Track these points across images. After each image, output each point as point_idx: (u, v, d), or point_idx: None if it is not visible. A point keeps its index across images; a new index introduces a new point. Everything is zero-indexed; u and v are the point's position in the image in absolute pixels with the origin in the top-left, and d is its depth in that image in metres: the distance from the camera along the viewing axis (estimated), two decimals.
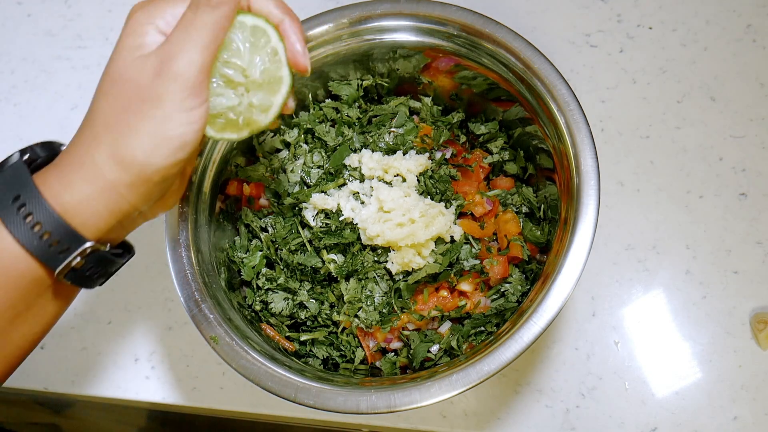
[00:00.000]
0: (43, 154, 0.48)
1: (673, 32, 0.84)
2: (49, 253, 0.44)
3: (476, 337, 0.64)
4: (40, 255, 0.44)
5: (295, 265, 0.66)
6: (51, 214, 0.43)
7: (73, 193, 0.44)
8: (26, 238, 0.43)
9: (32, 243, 0.43)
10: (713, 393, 0.70)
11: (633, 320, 0.73)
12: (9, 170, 0.45)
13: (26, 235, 0.43)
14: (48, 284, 0.46)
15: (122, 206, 0.46)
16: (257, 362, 0.57)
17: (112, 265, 0.49)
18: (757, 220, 0.75)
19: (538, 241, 0.65)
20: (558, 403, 0.71)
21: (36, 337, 0.49)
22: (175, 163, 0.45)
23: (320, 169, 0.69)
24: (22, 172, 0.45)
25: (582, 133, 0.59)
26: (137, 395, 0.76)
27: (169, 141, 0.44)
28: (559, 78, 0.61)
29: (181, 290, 0.60)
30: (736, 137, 0.79)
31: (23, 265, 0.44)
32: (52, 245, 0.44)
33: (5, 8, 0.96)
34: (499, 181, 0.70)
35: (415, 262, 0.62)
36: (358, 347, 0.66)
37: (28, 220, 0.43)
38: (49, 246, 0.44)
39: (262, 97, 0.50)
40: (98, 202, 0.45)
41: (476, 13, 0.64)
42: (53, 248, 0.44)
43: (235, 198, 0.70)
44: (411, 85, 0.72)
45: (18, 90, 0.91)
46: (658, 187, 0.77)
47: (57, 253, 0.44)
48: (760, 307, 0.72)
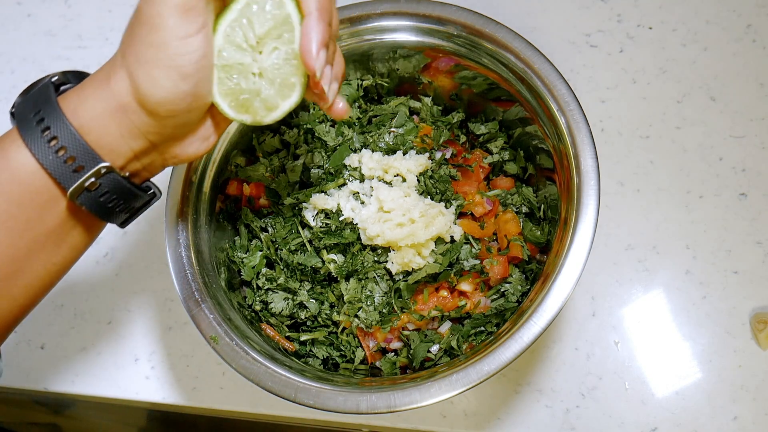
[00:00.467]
0: (74, 80, 0.48)
1: (673, 32, 0.84)
2: (63, 170, 0.44)
3: (476, 337, 0.64)
4: (53, 170, 0.44)
5: (295, 265, 0.66)
6: (68, 129, 0.44)
7: (88, 109, 0.44)
8: (42, 152, 0.43)
9: (47, 158, 0.44)
10: (713, 393, 0.70)
11: (633, 320, 0.73)
12: (36, 90, 0.46)
13: (42, 149, 0.43)
14: (64, 207, 0.46)
15: (133, 132, 0.45)
16: (257, 362, 0.57)
17: (134, 198, 0.48)
18: (757, 220, 0.75)
19: (538, 241, 0.65)
20: (558, 403, 0.71)
21: (56, 268, 0.49)
22: (178, 96, 0.44)
23: (320, 169, 0.69)
24: (48, 91, 0.45)
25: (582, 133, 0.60)
26: (137, 395, 0.76)
27: (167, 70, 0.43)
28: (559, 78, 0.61)
29: (181, 290, 0.60)
30: (736, 137, 0.79)
31: (39, 182, 0.44)
32: (67, 162, 0.44)
33: (5, 8, 0.96)
34: (499, 181, 0.70)
35: (415, 262, 0.62)
36: (358, 347, 0.66)
37: (45, 134, 0.43)
38: (64, 162, 0.44)
39: (272, 95, 0.49)
40: (110, 121, 0.45)
41: (476, 13, 0.64)
42: (68, 165, 0.44)
43: (235, 198, 0.70)
44: (411, 85, 0.72)
45: (18, 90, 0.89)
46: (658, 187, 0.77)
47: (71, 171, 0.44)
48: (760, 307, 0.72)
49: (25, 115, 0.44)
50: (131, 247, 0.82)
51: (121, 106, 0.44)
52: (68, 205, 0.46)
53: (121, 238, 0.82)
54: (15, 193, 0.44)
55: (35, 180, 0.44)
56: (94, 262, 0.81)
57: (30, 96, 0.46)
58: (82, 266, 0.81)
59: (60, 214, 0.46)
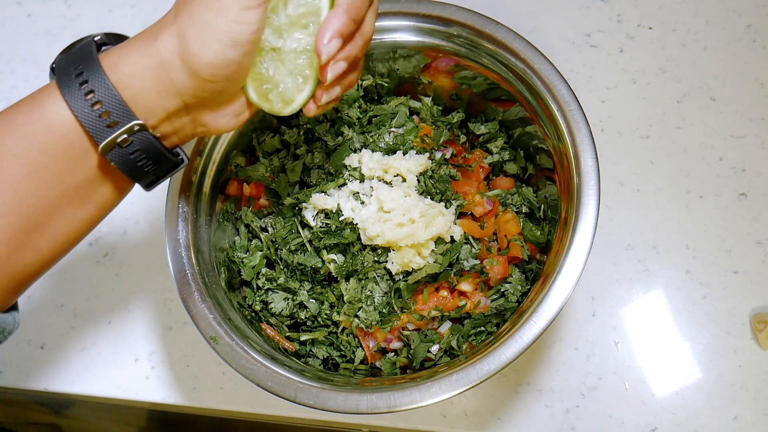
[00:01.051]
0: (114, 42, 0.49)
1: (673, 32, 0.84)
2: (97, 124, 0.45)
3: (476, 337, 0.64)
4: (88, 124, 0.45)
5: (295, 265, 0.66)
6: (105, 84, 0.44)
7: (128, 65, 0.45)
8: (79, 105, 0.44)
9: (83, 111, 0.44)
10: (713, 393, 0.70)
11: (633, 320, 0.73)
12: (78, 47, 0.47)
13: (79, 102, 0.44)
14: (95, 162, 0.47)
15: (170, 90, 0.46)
16: (257, 362, 0.57)
17: (163, 160, 0.49)
18: (757, 220, 0.75)
19: (538, 241, 0.65)
20: (558, 403, 0.71)
21: (81, 225, 0.49)
22: (224, 61, 0.45)
23: (320, 169, 0.69)
24: (90, 47, 0.46)
25: (582, 133, 0.60)
26: (137, 395, 0.76)
27: (221, 34, 0.44)
28: (559, 78, 0.61)
29: (181, 290, 0.60)
30: (736, 137, 0.79)
31: (74, 134, 0.45)
32: (102, 116, 0.44)
33: (5, 8, 0.96)
34: (499, 181, 0.70)
35: (415, 262, 0.62)
36: (358, 347, 0.66)
37: (83, 87, 0.44)
38: (99, 116, 0.44)
39: (289, 88, 0.49)
40: (149, 77, 0.45)
41: (476, 13, 0.64)
42: (102, 119, 0.44)
43: (235, 198, 0.70)
44: (411, 85, 0.72)
45: (18, 90, 0.91)
46: (658, 187, 0.77)
47: (105, 125, 0.45)
48: (760, 307, 0.72)
49: (65, 69, 0.45)
50: (131, 247, 0.82)
51: (163, 62, 0.45)
52: (99, 161, 0.47)
53: (121, 238, 0.82)
54: (50, 144, 0.45)
55: (70, 132, 0.45)
56: (94, 262, 0.81)
57: (71, 53, 0.47)
58: (82, 266, 0.81)
59: (90, 169, 0.47)
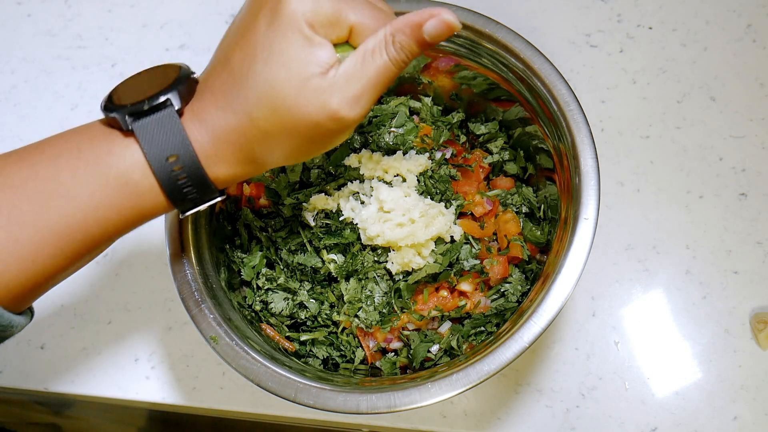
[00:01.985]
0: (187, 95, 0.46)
1: (673, 32, 0.84)
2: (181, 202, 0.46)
3: (476, 337, 0.64)
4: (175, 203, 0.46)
5: (295, 265, 0.66)
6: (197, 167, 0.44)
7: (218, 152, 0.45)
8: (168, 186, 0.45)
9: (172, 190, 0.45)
10: (713, 393, 0.70)
11: (633, 320, 0.73)
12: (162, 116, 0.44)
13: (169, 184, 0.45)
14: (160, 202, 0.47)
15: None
16: (257, 362, 0.57)
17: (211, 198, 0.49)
18: (757, 220, 0.75)
19: (538, 241, 0.65)
20: (558, 403, 0.71)
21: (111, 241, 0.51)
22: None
23: (320, 169, 0.69)
24: (175, 121, 0.44)
25: (582, 133, 0.59)
26: (137, 395, 0.76)
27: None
28: (559, 78, 0.61)
29: (181, 290, 0.60)
30: (736, 137, 0.79)
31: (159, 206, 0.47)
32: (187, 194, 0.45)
33: (5, 8, 0.96)
34: (499, 181, 0.70)
35: (415, 262, 0.62)
36: (358, 347, 0.66)
37: (175, 170, 0.44)
38: (183, 192, 0.45)
39: None
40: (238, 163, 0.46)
41: (476, 13, 0.64)
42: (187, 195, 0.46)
43: (235, 198, 0.70)
44: (411, 85, 0.72)
45: (18, 90, 0.91)
46: (658, 187, 0.77)
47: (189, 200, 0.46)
48: (760, 307, 0.72)
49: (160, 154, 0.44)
50: (131, 247, 0.82)
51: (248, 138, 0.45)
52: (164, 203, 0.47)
53: (121, 238, 0.82)
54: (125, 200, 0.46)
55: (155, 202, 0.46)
56: (94, 262, 0.81)
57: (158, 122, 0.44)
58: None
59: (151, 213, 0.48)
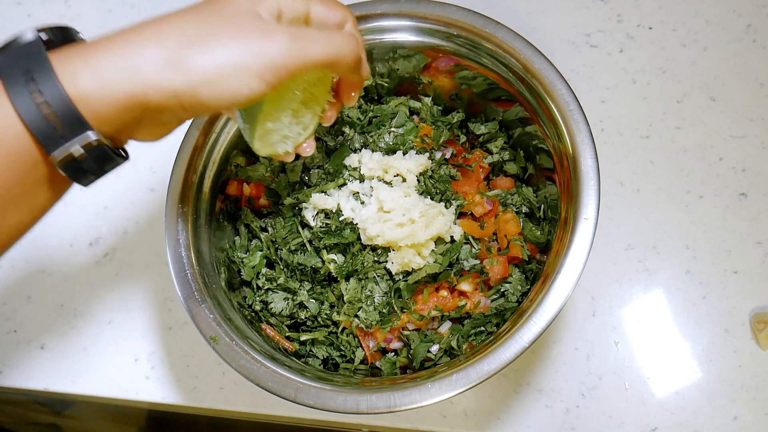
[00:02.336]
0: (60, 37, 0.45)
1: (673, 32, 0.84)
2: (51, 138, 0.42)
3: (476, 337, 0.64)
4: (41, 137, 0.42)
5: (295, 265, 0.66)
6: (62, 97, 0.41)
7: (96, 75, 0.42)
8: (31, 116, 0.42)
9: (35, 121, 0.42)
10: (713, 393, 0.70)
11: (633, 320, 0.73)
12: (24, 47, 0.43)
13: (32, 113, 0.42)
14: (44, 172, 0.44)
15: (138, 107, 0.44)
16: (257, 362, 0.57)
17: (110, 163, 0.46)
18: (757, 220, 0.75)
19: (538, 241, 0.65)
20: (558, 403, 0.71)
21: (23, 227, 0.47)
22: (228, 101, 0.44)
23: (320, 169, 0.69)
24: (38, 49, 0.43)
25: (582, 133, 0.59)
26: (137, 395, 0.76)
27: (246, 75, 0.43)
28: (559, 78, 0.61)
29: (181, 290, 0.60)
30: (736, 137, 0.79)
31: (25, 149, 0.43)
32: (56, 128, 0.42)
33: (5, 8, 0.96)
34: (499, 181, 0.70)
35: (415, 262, 0.62)
36: (358, 347, 0.66)
37: (37, 99, 0.41)
38: (53, 128, 0.42)
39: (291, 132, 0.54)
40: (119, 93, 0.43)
41: (476, 13, 0.64)
42: (57, 131, 0.42)
43: (235, 198, 0.70)
44: (411, 85, 0.72)
45: None
46: (658, 187, 0.77)
47: (59, 137, 0.42)
48: (760, 307, 0.72)
49: (15, 78, 0.42)
50: (131, 247, 0.82)
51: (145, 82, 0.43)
52: (49, 171, 0.45)
53: (121, 238, 0.82)
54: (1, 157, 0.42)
55: (22, 148, 0.43)
56: (94, 262, 0.81)
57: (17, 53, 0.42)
58: (82, 266, 0.81)
59: (39, 179, 0.45)
